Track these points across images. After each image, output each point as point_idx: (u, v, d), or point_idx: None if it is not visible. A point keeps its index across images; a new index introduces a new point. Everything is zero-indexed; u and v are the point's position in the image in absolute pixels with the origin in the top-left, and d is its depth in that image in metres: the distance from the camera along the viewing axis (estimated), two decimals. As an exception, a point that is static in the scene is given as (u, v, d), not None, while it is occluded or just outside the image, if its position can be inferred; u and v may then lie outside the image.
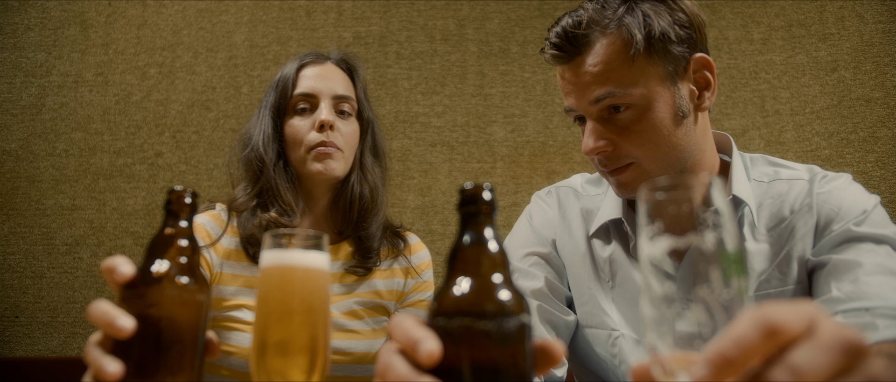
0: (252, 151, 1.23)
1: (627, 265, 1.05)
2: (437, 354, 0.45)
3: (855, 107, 1.99)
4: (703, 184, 0.45)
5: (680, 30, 0.95)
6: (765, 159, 1.10)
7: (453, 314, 0.47)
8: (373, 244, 1.27)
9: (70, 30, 2.26)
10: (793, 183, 1.01)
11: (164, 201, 0.64)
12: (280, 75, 1.27)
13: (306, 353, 0.59)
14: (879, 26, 2.02)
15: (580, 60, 0.95)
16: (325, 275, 0.62)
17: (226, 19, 2.27)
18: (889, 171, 1.92)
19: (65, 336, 2.02)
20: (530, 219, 1.19)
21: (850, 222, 0.91)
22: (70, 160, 2.16)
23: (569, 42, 0.95)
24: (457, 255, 0.51)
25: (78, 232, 2.10)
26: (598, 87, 0.93)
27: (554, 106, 2.17)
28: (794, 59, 2.10)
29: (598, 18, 0.95)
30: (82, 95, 2.21)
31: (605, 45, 0.93)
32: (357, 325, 1.20)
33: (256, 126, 1.25)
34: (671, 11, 0.96)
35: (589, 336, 1.07)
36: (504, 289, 0.49)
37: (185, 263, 0.61)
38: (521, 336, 0.48)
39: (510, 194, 2.11)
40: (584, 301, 1.09)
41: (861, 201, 0.95)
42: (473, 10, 2.25)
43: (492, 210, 0.52)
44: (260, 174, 1.22)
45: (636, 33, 0.92)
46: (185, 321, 0.59)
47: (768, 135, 2.07)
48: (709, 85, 1.01)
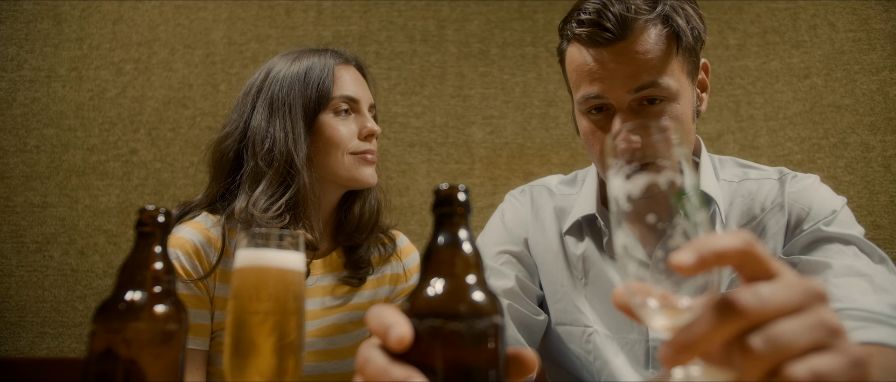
0: (278, 153, 1.09)
1: (600, 261, 1.06)
2: (407, 339, 0.45)
3: (826, 113, 2.04)
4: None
5: (702, 29, 0.98)
6: (734, 161, 1.12)
7: (425, 315, 0.47)
8: (368, 255, 1.23)
9: (43, 23, 2.22)
10: (762, 182, 1.04)
11: (136, 222, 0.60)
12: (307, 70, 1.15)
13: (280, 354, 0.59)
14: (849, 35, 2.07)
15: (624, 45, 0.91)
16: (300, 275, 0.62)
17: (204, 16, 2.25)
18: (858, 176, 1.96)
19: (33, 337, 1.98)
20: (502, 217, 1.19)
21: (820, 222, 0.94)
22: (41, 157, 2.12)
23: (619, 24, 0.90)
24: (430, 256, 0.51)
25: (48, 230, 2.06)
26: (646, 74, 0.90)
27: (533, 108, 2.18)
28: (768, 65, 2.14)
29: (645, 7, 0.92)
30: (55, 91, 2.17)
31: (656, 33, 0.91)
32: (343, 340, 1.18)
33: (278, 127, 1.11)
34: (695, 8, 0.98)
35: (562, 334, 1.08)
36: (477, 290, 0.49)
37: (161, 291, 0.58)
38: (493, 336, 0.48)
39: (488, 195, 2.12)
40: (557, 299, 1.09)
41: (830, 201, 0.97)
42: (454, 12, 2.25)
43: (466, 212, 0.52)
44: (290, 180, 1.10)
45: (685, 28, 0.93)
46: (159, 355, 0.56)
47: (743, 139, 2.11)
48: (706, 88, 1.04)
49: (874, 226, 1.91)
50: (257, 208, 1.06)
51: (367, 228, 1.24)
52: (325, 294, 1.19)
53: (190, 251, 1.08)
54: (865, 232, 0.94)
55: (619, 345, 1.01)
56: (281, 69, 1.17)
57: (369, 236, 1.24)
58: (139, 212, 0.60)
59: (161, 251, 0.60)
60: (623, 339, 1.01)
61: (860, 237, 0.91)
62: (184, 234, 1.10)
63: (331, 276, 1.20)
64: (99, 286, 2.03)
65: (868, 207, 1.93)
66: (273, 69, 1.19)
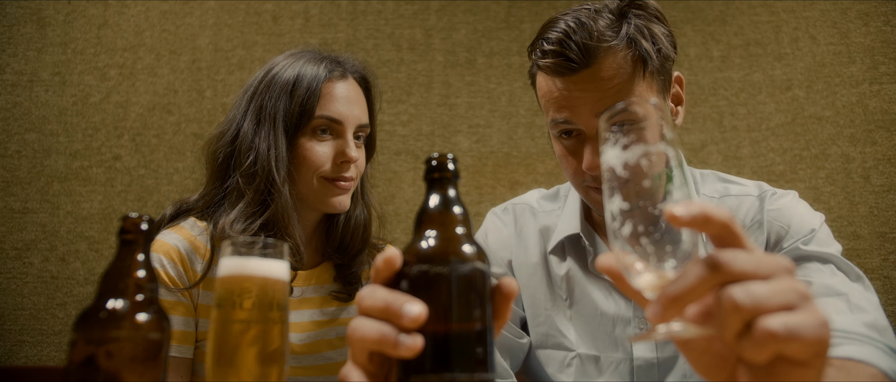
0: (259, 169, 1.07)
1: (584, 281, 1.06)
2: (423, 316, 0.48)
3: (807, 125, 2.07)
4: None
5: (670, 47, 0.97)
6: (715, 175, 1.13)
7: (414, 264, 0.52)
8: (361, 270, 1.20)
9: (26, 27, 2.20)
10: (742, 199, 1.05)
11: (118, 229, 0.59)
12: (295, 81, 1.10)
13: (263, 363, 0.58)
14: (830, 48, 2.10)
15: (590, 72, 0.90)
16: (283, 284, 0.62)
17: (190, 22, 2.24)
18: (838, 187, 1.99)
19: (11, 345, 1.95)
20: (486, 237, 1.18)
21: (798, 240, 0.95)
22: (22, 162, 2.09)
23: (582, 53, 0.89)
24: (421, 216, 0.56)
25: (29, 236, 2.03)
26: (611, 99, 0.89)
27: (519, 117, 2.19)
28: (750, 77, 2.16)
29: (607, 32, 0.90)
30: (37, 95, 2.15)
31: (621, 58, 0.90)
32: (334, 356, 1.15)
33: (262, 139, 1.08)
34: (663, 27, 0.96)
35: (542, 358, 1.07)
36: (465, 241, 0.53)
37: (143, 299, 0.57)
38: (479, 280, 0.52)
39: (474, 203, 2.12)
40: (539, 323, 1.08)
41: (808, 219, 0.98)
42: (440, 21, 2.26)
43: (454, 176, 0.57)
44: (268, 199, 1.08)
45: (650, 50, 0.92)
46: (140, 365, 0.55)
47: (726, 150, 2.13)
48: (681, 101, 1.04)
49: (854, 236, 1.93)
50: (234, 229, 1.05)
51: (356, 243, 1.20)
52: (312, 308, 1.17)
53: (174, 257, 1.07)
54: (846, 243, 0.95)
55: (603, 365, 1.01)
56: (277, 73, 1.13)
57: (360, 252, 1.21)
58: (122, 219, 0.59)
59: (144, 259, 0.59)
60: (608, 359, 1.01)
61: (837, 256, 0.92)
62: (169, 239, 1.09)
63: (319, 289, 1.18)
64: (80, 293, 2.00)
65: (848, 217, 1.95)
66: (271, 70, 1.14)
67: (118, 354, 0.54)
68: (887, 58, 2.05)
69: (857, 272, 0.91)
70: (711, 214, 0.45)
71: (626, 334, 1.00)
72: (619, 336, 1.01)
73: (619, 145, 0.52)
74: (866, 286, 0.89)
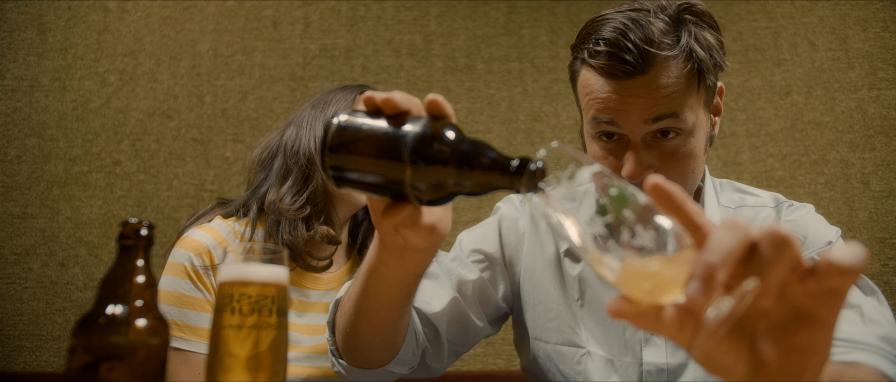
0: (301, 149, 1.20)
1: (597, 283, 1.05)
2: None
3: (806, 130, 2.07)
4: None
5: (722, 58, 0.95)
6: (731, 185, 1.13)
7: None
8: None
9: (26, 33, 2.20)
10: (759, 210, 1.05)
11: (118, 235, 0.59)
12: (328, 102, 1.25)
13: (262, 368, 0.58)
14: (829, 54, 2.11)
15: (646, 79, 0.86)
16: (282, 289, 0.62)
17: (190, 28, 2.25)
18: (837, 192, 1.99)
19: (10, 350, 1.95)
20: (499, 226, 1.15)
21: (814, 252, 0.95)
22: (22, 167, 2.09)
23: (640, 57, 0.85)
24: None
25: (28, 241, 2.03)
26: (665, 108, 0.87)
27: (518, 123, 2.20)
28: (749, 82, 2.17)
29: (665, 38, 0.87)
30: (38, 100, 2.15)
31: (678, 69, 0.88)
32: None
33: (307, 132, 1.22)
34: (717, 35, 0.94)
35: (553, 353, 1.06)
36: None
37: (143, 305, 0.57)
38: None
39: (473, 209, 2.12)
40: (551, 317, 1.07)
41: (825, 232, 0.98)
42: (440, 27, 2.27)
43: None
44: (309, 178, 1.19)
45: (708, 63, 0.90)
46: (140, 370, 0.55)
47: (725, 155, 2.13)
48: (720, 112, 1.03)
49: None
50: (285, 203, 1.15)
51: None
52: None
53: (202, 252, 1.11)
54: None
55: (613, 367, 1.01)
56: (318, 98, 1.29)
57: None
58: (121, 224, 0.59)
59: (143, 265, 0.59)
60: (618, 361, 1.01)
61: None
62: (197, 237, 1.14)
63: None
64: (79, 298, 2.00)
65: (848, 223, 1.95)
66: (323, 102, 1.28)
67: (117, 360, 0.54)
68: (886, 63, 2.06)
69: (872, 286, 0.90)
70: (685, 205, 0.48)
71: (636, 337, 1.00)
72: (629, 339, 1.01)
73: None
74: (881, 300, 0.89)
